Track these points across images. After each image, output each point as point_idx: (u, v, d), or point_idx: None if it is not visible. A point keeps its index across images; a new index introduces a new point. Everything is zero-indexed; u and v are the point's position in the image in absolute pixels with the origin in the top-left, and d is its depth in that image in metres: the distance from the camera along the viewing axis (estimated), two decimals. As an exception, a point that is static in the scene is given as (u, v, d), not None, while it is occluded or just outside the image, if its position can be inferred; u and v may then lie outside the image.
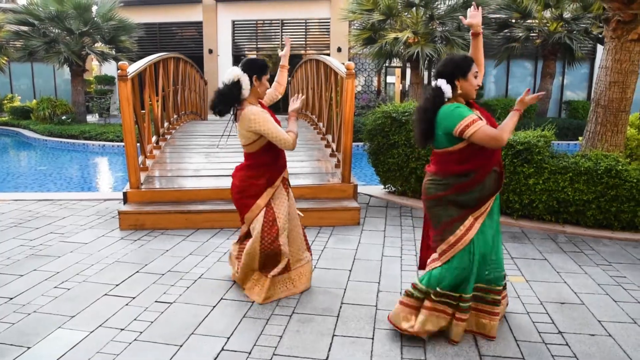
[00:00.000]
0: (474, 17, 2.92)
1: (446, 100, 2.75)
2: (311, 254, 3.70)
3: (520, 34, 15.79)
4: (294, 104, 3.43)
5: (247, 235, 3.49)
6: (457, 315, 2.86)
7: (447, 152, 2.78)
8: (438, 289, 2.82)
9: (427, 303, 2.86)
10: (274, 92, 3.70)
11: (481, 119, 2.73)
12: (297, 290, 3.53)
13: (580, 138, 6.22)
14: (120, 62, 5.14)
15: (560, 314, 3.28)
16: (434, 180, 2.84)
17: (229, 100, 3.22)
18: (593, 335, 3.01)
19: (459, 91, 2.77)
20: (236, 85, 3.20)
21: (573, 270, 4.05)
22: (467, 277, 2.80)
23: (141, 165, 5.88)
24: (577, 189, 4.94)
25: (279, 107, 19.65)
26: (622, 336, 3.00)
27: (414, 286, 2.91)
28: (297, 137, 3.36)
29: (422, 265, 3.14)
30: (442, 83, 2.73)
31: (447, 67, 2.76)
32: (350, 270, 3.99)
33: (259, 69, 3.28)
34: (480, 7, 2.79)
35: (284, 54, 3.77)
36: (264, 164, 3.37)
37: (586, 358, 2.76)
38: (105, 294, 3.51)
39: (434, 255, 2.93)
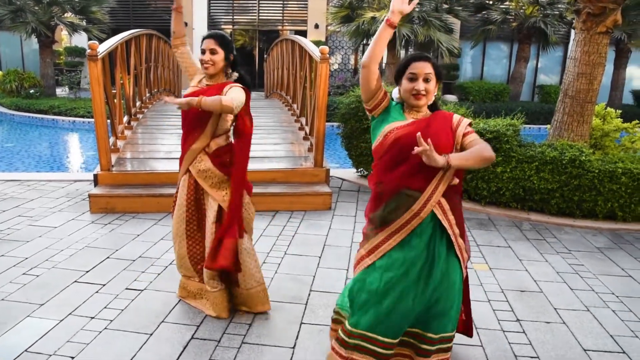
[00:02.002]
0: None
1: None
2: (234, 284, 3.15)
3: (497, 17, 15.91)
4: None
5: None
6: None
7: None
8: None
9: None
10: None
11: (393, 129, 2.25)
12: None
13: (548, 126, 6.38)
14: (90, 42, 5.02)
15: (520, 301, 3.43)
16: None
17: None
18: (549, 322, 3.17)
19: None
20: None
21: (535, 258, 4.22)
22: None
23: (112, 147, 5.80)
24: (542, 178, 5.09)
25: (254, 84, 19.47)
26: (575, 323, 3.16)
27: None
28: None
29: None
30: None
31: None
32: (320, 257, 4.08)
33: None
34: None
35: None
36: None
37: (541, 345, 2.91)
38: (75, 281, 3.52)
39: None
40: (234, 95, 2.83)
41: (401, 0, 2.21)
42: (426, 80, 2.24)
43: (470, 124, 2.32)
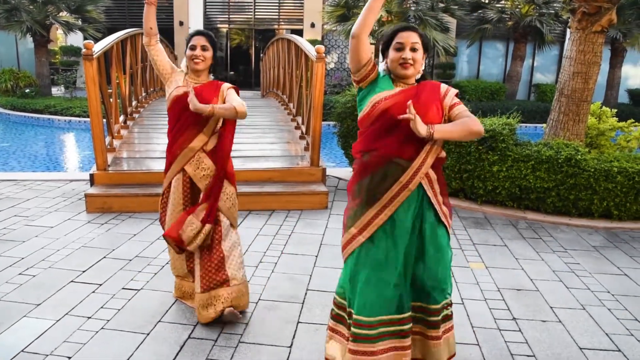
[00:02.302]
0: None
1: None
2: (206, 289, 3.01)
3: (493, 16, 15.95)
4: None
5: None
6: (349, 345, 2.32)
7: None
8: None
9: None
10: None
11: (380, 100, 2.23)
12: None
13: (544, 125, 6.41)
14: (85, 41, 5.01)
15: (516, 300, 3.45)
16: None
17: None
18: (545, 321, 3.18)
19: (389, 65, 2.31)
20: None
21: (531, 257, 4.23)
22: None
23: (108, 147, 5.79)
24: (538, 177, 5.11)
25: (250, 83, 19.46)
26: (571, 322, 3.18)
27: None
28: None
29: None
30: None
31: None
32: (316, 256, 4.08)
33: None
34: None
35: None
36: None
37: (537, 343, 2.92)
38: (72, 281, 3.51)
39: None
40: (239, 99, 2.90)
41: None
42: (413, 49, 2.21)
43: (457, 95, 2.31)
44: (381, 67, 2.36)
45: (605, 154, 5.37)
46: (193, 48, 2.90)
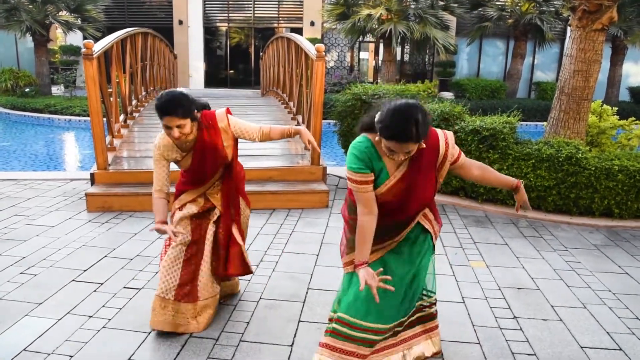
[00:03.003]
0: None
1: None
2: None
3: (493, 14, 15.93)
4: None
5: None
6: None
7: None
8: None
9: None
10: None
11: (367, 183, 2.12)
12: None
13: (545, 123, 6.40)
14: (85, 41, 5.00)
15: (517, 299, 3.45)
16: None
17: None
18: (545, 320, 3.18)
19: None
20: None
21: (532, 255, 4.23)
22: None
23: (109, 146, 5.79)
24: (539, 175, 5.10)
25: (250, 82, 19.44)
26: (572, 321, 3.18)
27: None
28: None
29: None
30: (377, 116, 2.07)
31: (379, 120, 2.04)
32: (317, 255, 4.08)
33: None
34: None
35: None
36: None
37: (538, 342, 2.92)
38: (73, 280, 3.51)
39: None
40: (248, 123, 2.92)
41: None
42: (407, 152, 2.04)
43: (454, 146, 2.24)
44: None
45: (606, 152, 5.36)
46: (169, 129, 2.58)
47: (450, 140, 2.21)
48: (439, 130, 2.23)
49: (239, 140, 2.97)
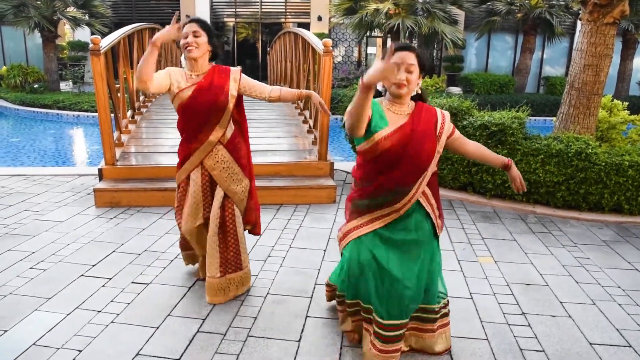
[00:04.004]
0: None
1: (382, 96, 2.44)
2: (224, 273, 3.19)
3: (502, 8, 15.80)
4: None
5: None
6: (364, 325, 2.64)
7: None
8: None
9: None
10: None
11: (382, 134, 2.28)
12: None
13: (554, 118, 6.34)
14: (92, 36, 5.01)
15: (525, 295, 3.43)
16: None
17: None
18: (554, 316, 3.16)
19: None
20: None
21: (540, 251, 4.21)
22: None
23: (116, 141, 5.81)
24: (548, 171, 5.07)
25: (257, 77, 19.43)
26: (581, 317, 3.16)
27: None
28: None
29: None
30: None
31: None
32: (324, 250, 4.08)
33: None
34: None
35: None
36: None
37: (546, 338, 2.91)
38: (82, 275, 3.53)
39: None
40: (261, 83, 3.09)
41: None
42: (409, 71, 2.27)
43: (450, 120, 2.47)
44: (379, 84, 2.41)
45: (616, 147, 5.31)
46: (185, 36, 2.86)
47: (447, 115, 2.47)
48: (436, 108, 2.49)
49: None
